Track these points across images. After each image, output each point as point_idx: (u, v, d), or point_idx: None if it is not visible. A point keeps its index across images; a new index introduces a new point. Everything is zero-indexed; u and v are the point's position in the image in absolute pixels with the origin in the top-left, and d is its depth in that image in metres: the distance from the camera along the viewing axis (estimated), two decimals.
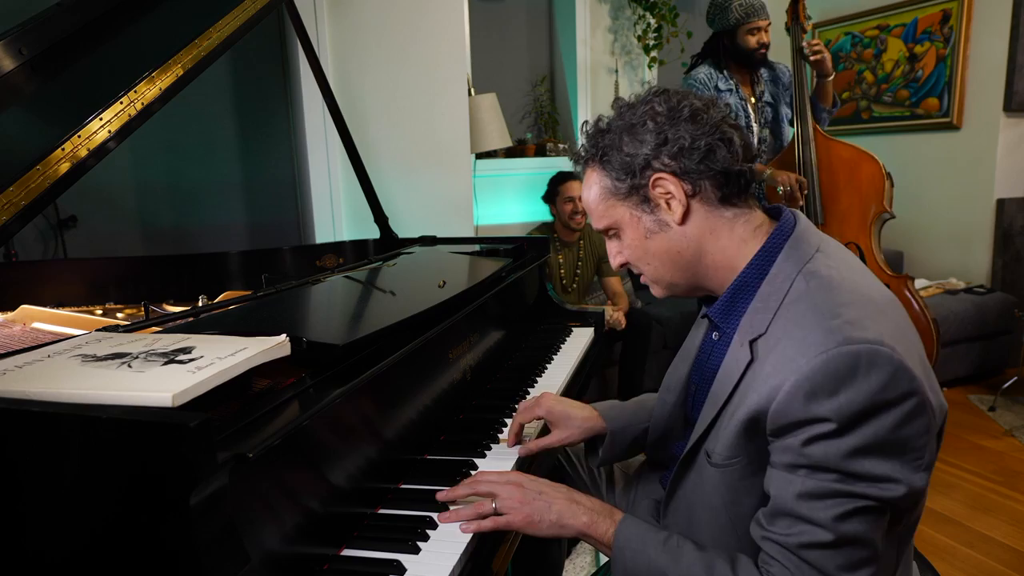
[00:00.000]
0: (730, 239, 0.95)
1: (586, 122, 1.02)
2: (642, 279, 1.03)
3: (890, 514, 0.81)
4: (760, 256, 0.93)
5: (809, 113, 2.75)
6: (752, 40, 2.67)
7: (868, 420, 0.77)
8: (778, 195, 2.61)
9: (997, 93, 3.62)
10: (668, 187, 0.93)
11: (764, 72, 2.83)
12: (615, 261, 1.03)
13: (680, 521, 1.02)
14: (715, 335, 1.03)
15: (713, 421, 0.94)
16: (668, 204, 0.94)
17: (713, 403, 0.94)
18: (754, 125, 2.78)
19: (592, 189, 0.99)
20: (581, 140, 1.03)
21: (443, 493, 1.02)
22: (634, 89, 4.20)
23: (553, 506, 0.96)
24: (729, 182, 0.93)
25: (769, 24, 2.69)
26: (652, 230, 0.96)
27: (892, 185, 2.80)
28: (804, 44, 2.72)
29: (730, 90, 2.75)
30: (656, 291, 1.03)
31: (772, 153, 2.85)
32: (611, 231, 1.01)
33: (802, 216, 0.98)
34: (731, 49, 2.72)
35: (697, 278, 0.98)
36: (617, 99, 1.01)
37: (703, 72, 2.74)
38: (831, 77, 2.78)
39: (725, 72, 2.73)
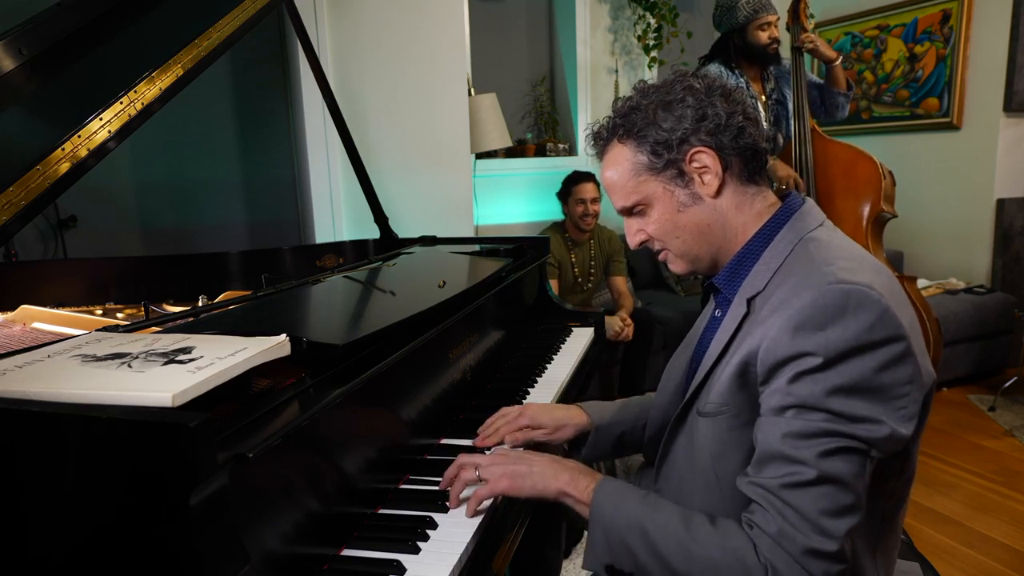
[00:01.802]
0: (750, 214, 0.99)
1: (617, 100, 1.02)
2: (662, 256, 1.04)
3: (874, 467, 0.82)
4: (767, 227, 0.98)
5: (807, 112, 2.75)
6: (763, 36, 2.67)
7: (852, 358, 0.80)
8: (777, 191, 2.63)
9: (997, 93, 3.62)
10: (705, 161, 0.95)
11: (774, 69, 2.83)
12: (635, 239, 1.04)
13: (671, 485, 1.03)
14: (718, 312, 1.04)
15: (706, 377, 0.96)
16: (702, 178, 0.96)
17: (708, 360, 0.97)
18: (764, 123, 2.79)
19: (621, 165, 0.99)
20: (600, 122, 1.04)
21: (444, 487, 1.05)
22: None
23: (534, 467, 0.99)
24: (754, 159, 0.98)
25: (777, 19, 2.70)
26: (685, 203, 0.97)
27: (894, 184, 2.80)
28: (796, 41, 2.74)
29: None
30: (678, 266, 1.04)
31: (774, 151, 2.87)
32: (638, 207, 1.01)
33: (810, 199, 1.01)
34: (743, 48, 2.71)
35: (719, 252, 1.01)
36: (641, 81, 1.03)
37: (713, 70, 2.73)
38: (837, 61, 2.78)
39: (736, 71, 2.74)
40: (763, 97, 2.80)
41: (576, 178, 3.15)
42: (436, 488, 1.07)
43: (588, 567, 0.94)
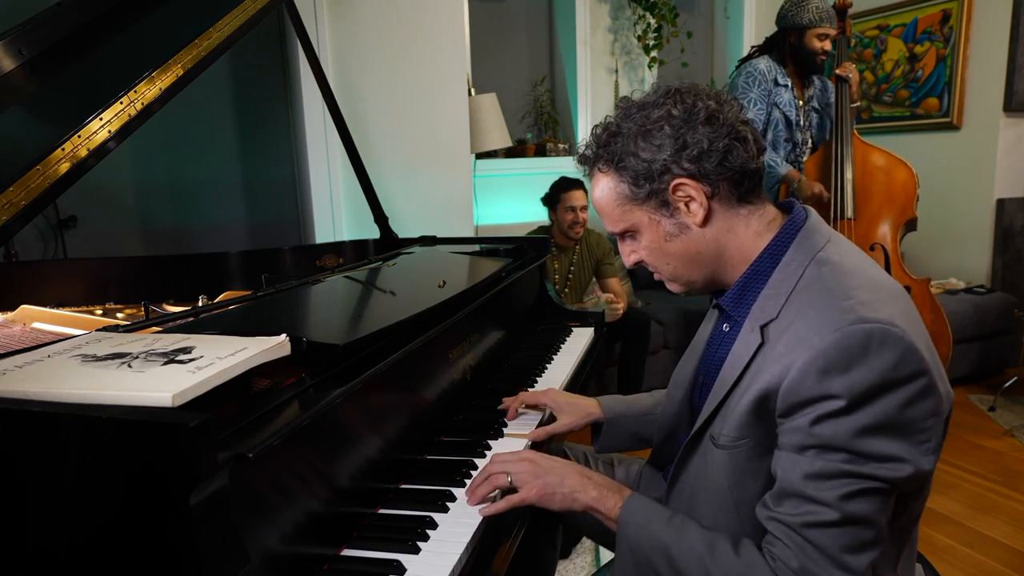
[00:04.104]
0: (746, 234, 0.96)
1: (597, 126, 1.00)
2: (657, 276, 1.04)
3: (895, 497, 0.81)
4: (772, 246, 0.95)
5: (849, 119, 2.78)
6: (818, 45, 2.74)
7: (877, 398, 0.78)
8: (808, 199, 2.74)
9: (997, 93, 3.62)
10: (689, 191, 0.93)
11: (816, 81, 2.91)
12: (629, 260, 1.03)
13: (683, 505, 1.03)
14: (725, 327, 1.03)
15: (720, 404, 0.94)
16: (688, 207, 0.94)
17: (721, 387, 0.95)
18: (802, 124, 2.84)
19: (606, 194, 0.98)
20: (587, 141, 1.02)
21: (468, 493, 1.05)
22: (634, 89, 4.20)
23: (565, 480, 0.99)
24: (745, 180, 0.94)
25: (833, 36, 2.77)
26: (672, 233, 0.96)
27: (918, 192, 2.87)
28: (837, 69, 2.80)
29: (786, 86, 2.81)
30: (674, 288, 1.03)
31: (809, 153, 2.94)
32: (628, 232, 1.00)
33: (812, 210, 0.99)
34: (796, 48, 2.77)
35: (715, 274, 0.99)
36: (623, 98, 0.99)
37: (763, 63, 2.80)
38: (857, 103, 2.84)
39: (784, 68, 2.80)
40: (801, 102, 2.87)
41: (565, 185, 3.09)
42: (436, 488, 1.07)
43: None
